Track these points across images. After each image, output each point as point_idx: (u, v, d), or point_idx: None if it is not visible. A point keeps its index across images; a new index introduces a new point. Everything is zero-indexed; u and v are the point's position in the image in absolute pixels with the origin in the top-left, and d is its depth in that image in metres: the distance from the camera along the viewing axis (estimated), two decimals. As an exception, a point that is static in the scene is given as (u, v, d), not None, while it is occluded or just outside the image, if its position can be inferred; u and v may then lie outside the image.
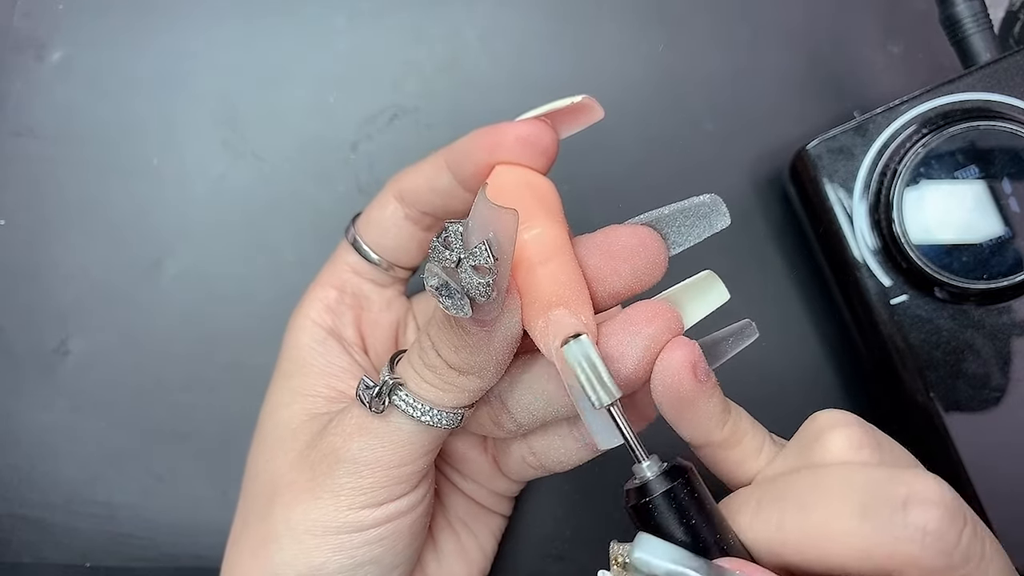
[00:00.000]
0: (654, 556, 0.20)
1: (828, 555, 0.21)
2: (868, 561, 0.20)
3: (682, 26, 0.37)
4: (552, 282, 0.22)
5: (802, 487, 0.22)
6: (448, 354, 0.23)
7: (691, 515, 0.21)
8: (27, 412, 0.35)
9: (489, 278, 0.20)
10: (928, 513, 0.20)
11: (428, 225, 0.29)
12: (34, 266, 0.36)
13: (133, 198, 0.36)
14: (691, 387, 0.23)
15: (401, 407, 0.23)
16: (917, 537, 0.20)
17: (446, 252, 0.20)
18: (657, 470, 0.22)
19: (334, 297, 0.29)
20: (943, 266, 0.31)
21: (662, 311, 0.23)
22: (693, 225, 0.24)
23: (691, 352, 0.23)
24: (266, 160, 0.37)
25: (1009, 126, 0.31)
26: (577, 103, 0.25)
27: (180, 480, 0.35)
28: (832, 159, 0.32)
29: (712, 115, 0.37)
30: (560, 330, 0.22)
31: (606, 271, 0.23)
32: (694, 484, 0.22)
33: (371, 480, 0.24)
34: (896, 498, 0.20)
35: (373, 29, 0.37)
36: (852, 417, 0.23)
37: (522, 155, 0.25)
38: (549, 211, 0.24)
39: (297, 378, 0.28)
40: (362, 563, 0.25)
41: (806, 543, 0.21)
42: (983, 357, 0.32)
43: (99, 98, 0.37)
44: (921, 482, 0.20)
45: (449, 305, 0.20)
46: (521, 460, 0.28)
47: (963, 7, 0.32)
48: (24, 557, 0.35)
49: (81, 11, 0.37)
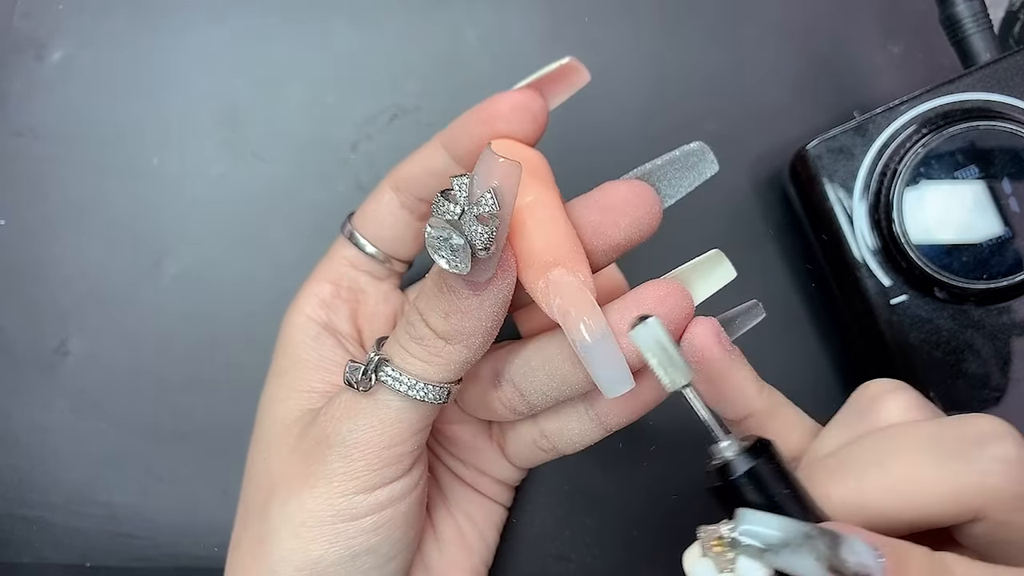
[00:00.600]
0: (764, 527, 0.19)
1: (915, 505, 0.21)
2: (956, 502, 0.21)
3: (682, 26, 0.37)
4: (548, 243, 0.23)
5: (873, 447, 0.22)
6: (437, 321, 0.23)
7: (779, 488, 0.21)
8: (27, 412, 0.35)
9: (492, 227, 0.20)
10: (1003, 444, 0.21)
11: (424, 213, 0.29)
12: (34, 266, 0.36)
13: (133, 198, 0.36)
14: (722, 356, 0.24)
15: (388, 383, 0.24)
16: (999, 469, 0.20)
17: (449, 204, 0.20)
18: (738, 447, 0.22)
19: (329, 292, 0.30)
20: (943, 266, 0.31)
21: (673, 290, 0.24)
22: (683, 176, 0.25)
23: (713, 326, 0.24)
24: (266, 160, 0.37)
25: (1009, 126, 0.31)
26: (563, 65, 0.26)
27: (180, 480, 0.35)
28: (832, 159, 0.32)
29: (712, 115, 0.37)
30: (560, 288, 0.22)
31: (605, 224, 0.24)
32: (775, 456, 0.22)
33: (363, 463, 0.24)
34: (970, 437, 0.21)
35: (373, 29, 0.37)
36: (901, 383, 0.24)
37: (517, 123, 0.26)
38: (542, 180, 0.25)
39: (291, 374, 0.28)
40: (359, 553, 0.25)
41: (891, 498, 0.21)
42: (983, 357, 0.32)
43: (99, 98, 0.37)
44: (986, 421, 0.21)
45: (448, 258, 0.20)
46: (532, 444, 0.28)
47: (963, 7, 0.32)
48: (24, 557, 0.35)
49: (81, 11, 0.37)
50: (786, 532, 0.19)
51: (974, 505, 0.21)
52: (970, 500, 0.21)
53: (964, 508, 0.21)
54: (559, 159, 0.26)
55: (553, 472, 0.35)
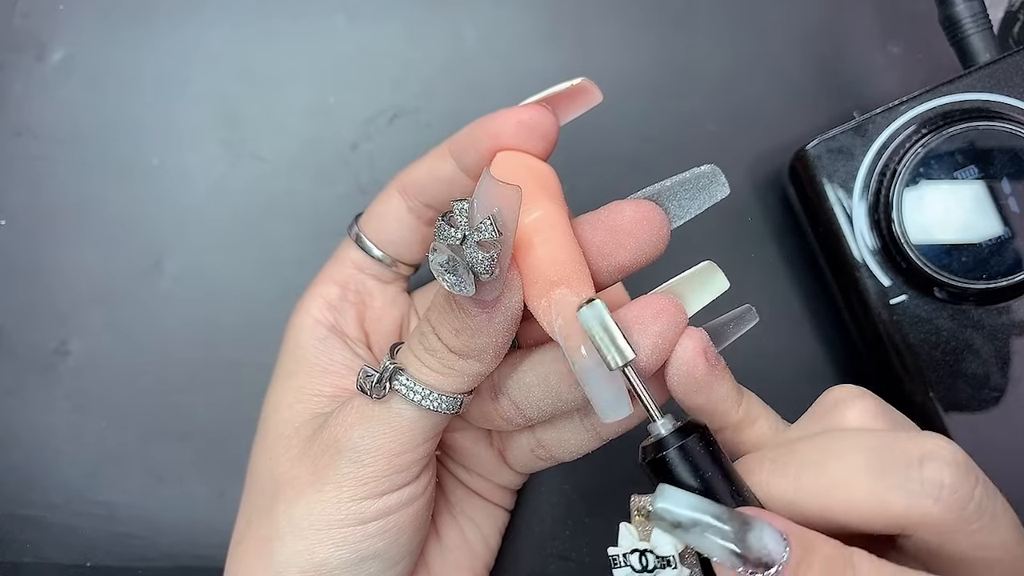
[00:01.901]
0: (676, 505, 0.20)
1: (844, 510, 0.21)
2: (884, 515, 0.21)
3: (682, 26, 0.37)
4: (553, 262, 0.23)
5: (819, 446, 0.23)
6: (448, 337, 0.23)
7: (707, 469, 0.22)
8: (27, 412, 0.35)
9: (493, 253, 0.20)
10: (943, 469, 0.21)
11: (431, 219, 0.29)
12: (34, 266, 0.36)
13: (133, 198, 0.36)
14: (705, 372, 0.24)
15: (402, 392, 0.24)
16: (933, 492, 0.20)
17: (451, 230, 0.21)
18: (672, 427, 0.23)
19: (336, 294, 0.29)
20: (942, 266, 0.31)
21: (668, 306, 0.24)
22: (693, 197, 0.25)
23: (701, 340, 0.24)
24: (266, 160, 0.37)
25: (1008, 126, 0.31)
26: (576, 85, 0.26)
27: (180, 480, 0.35)
28: (832, 159, 0.32)
29: (712, 115, 0.37)
30: (562, 308, 0.22)
31: (611, 245, 0.24)
32: (709, 439, 0.22)
33: (373, 469, 0.24)
34: (912, 456, 0.21)
35: (373, 29, 0.37)
36: (866, 391, 0.24)
37: (524, 140, 0.25)
38: (550, 195, 0.24)
39: (299, 377, 0.28)
40: (365, 558, 0.25)
41: (823, 498, 0.21)
42: (983, 357, 0.32)
43: (99, 98, 0.37)
44: (935, 442, 0.21)
45: (453, 282, 0.21)
46: (530, 452, 0.28)
47: (962, 7, 0.32)
48: (24, 557, 0.35)
49: (81, 11, 0.37)
50: (697, 512, 0.20)
51: (901, 523, 0.21)
52: (898, 517, 0.21)
53: (891, 523, 0.21)
54: (558, 159, 0.26)
55: (554, 472, 0.35)
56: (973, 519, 0.21)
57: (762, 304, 0.36)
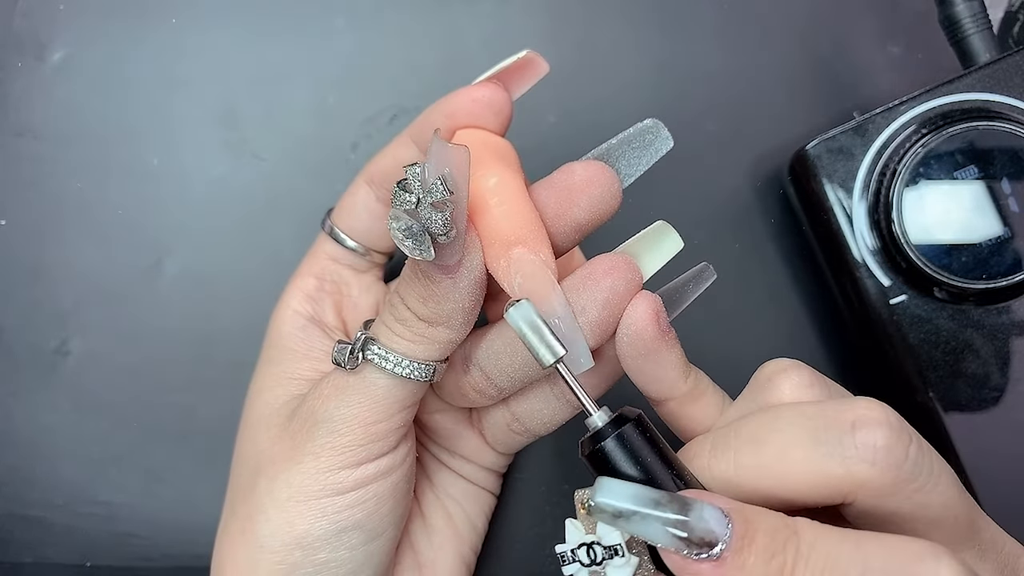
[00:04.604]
0: (615, 497, 0.20)
1: (784, 485, 0.21)
2: (823, 485, 0.21)
3: (682, 26, 0.37)
4: (510, 223, 0.23)
5: (755, 424, 0.23)
6: (416, 306, 0.23)
7: (646, 457, 0.22)
8: (27, 412, 0.35)
9: (447, 212, 0.21)
10: (875, 432, 0.21)
11: None
12: (34, 266, 0.36)
13: (133, 198, 0.36)
14: (654, 337, 0.24)
15: (375, 361, 0.24)
16: (867, 456, 0.21)
17: (406, 195, 0.21)
18: (607, 418, 0.23)
19: (313, 286, 0.30)
20: (942, 266, 0.31)
21: (620, 263, 0.24)
22: (640, 154, 0.26)
23: (653, 303, 0.24)
24: (266, 160, 0.37)
25: (1008, 126, 0.31)
26: (522, 58, 0.27)
27: (180, 480, 0.35)
28: (831, 159, 0.32)
29: (712, 115, 0.37)
30: (521, 266, 0.23)
31: (565, 204, 0.25)
32: (645, 426, 0.23)
33: (349, 438, 0.25)
34: (845, 422, 0.21)
35: (373, 29, 0.37)
36: (798, 362, 0.24)
37: (479, 117, 0.26)
38: (506, 163, 0.25)
39: (280, 364, 0.29)
40: (345, 528, 0.25)
41: (763, 475, 0.22)
42: (982, 357, 0.32)
43: (99, 98, 0.37)
44: (865, 406, 0.21)
45: (412, 247, 0.21)
46: (506, 428, 0.28)
47: (962, 7, 0.32)
48: (24, 557, 0.35)
49: (81, 11, 0.37)
50: (636, 500, 0.20)
51: (841, 490, 0.21)
52: (837, 485, 0.21)
53: (832, 492, 0.21)
54: (558, 160, 0.26)
55: (552, 470, 0.35)
56: (911, 478, 0.21)
57: (762, 304, 0.37)
